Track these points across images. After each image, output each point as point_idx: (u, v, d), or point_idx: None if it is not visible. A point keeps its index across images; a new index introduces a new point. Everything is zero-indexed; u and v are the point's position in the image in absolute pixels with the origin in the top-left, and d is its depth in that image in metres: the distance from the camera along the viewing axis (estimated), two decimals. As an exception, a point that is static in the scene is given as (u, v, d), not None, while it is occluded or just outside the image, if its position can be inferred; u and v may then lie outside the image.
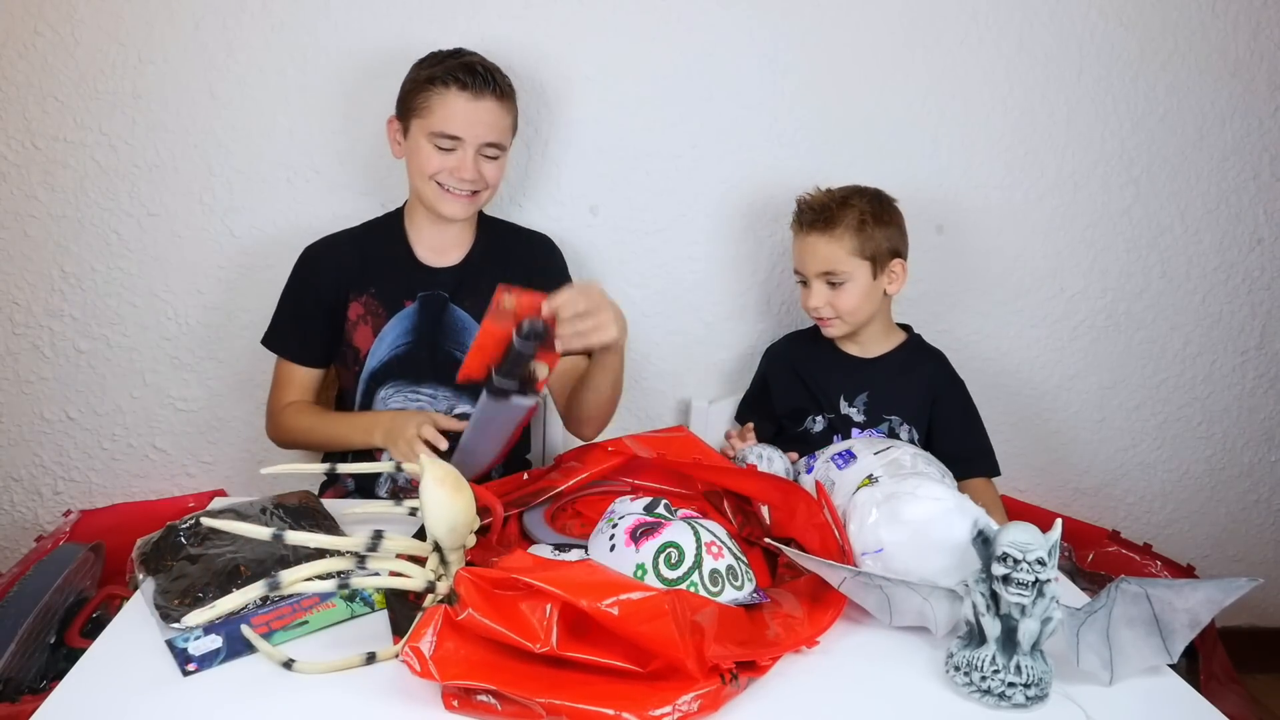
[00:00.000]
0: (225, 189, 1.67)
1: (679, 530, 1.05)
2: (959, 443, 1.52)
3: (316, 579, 0.91)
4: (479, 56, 1.46)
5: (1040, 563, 0.90)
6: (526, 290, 1.19)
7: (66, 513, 1.64)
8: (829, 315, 1.52)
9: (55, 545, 1.47)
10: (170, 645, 0.93)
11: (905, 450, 1.23)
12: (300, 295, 1.53)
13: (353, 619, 1.01)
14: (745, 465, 1.32)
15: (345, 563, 0.93)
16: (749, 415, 1.68)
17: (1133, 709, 0.93)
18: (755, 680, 0.92)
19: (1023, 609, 0.91)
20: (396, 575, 0.95)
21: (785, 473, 1.32)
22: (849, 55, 1.71)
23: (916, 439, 1.53)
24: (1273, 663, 2.03)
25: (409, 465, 1.16)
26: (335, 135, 1.66)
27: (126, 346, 1.72)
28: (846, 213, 1.48)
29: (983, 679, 0.92)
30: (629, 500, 1.13)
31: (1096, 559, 1.75)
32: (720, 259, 1.79)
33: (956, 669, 0.94)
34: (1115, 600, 0.93)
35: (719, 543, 1.06)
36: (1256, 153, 1.83)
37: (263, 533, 0.93)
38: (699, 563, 1.02)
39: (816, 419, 1.57)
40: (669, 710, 0.85)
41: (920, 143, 1.76)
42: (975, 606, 0.94)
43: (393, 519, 1.20)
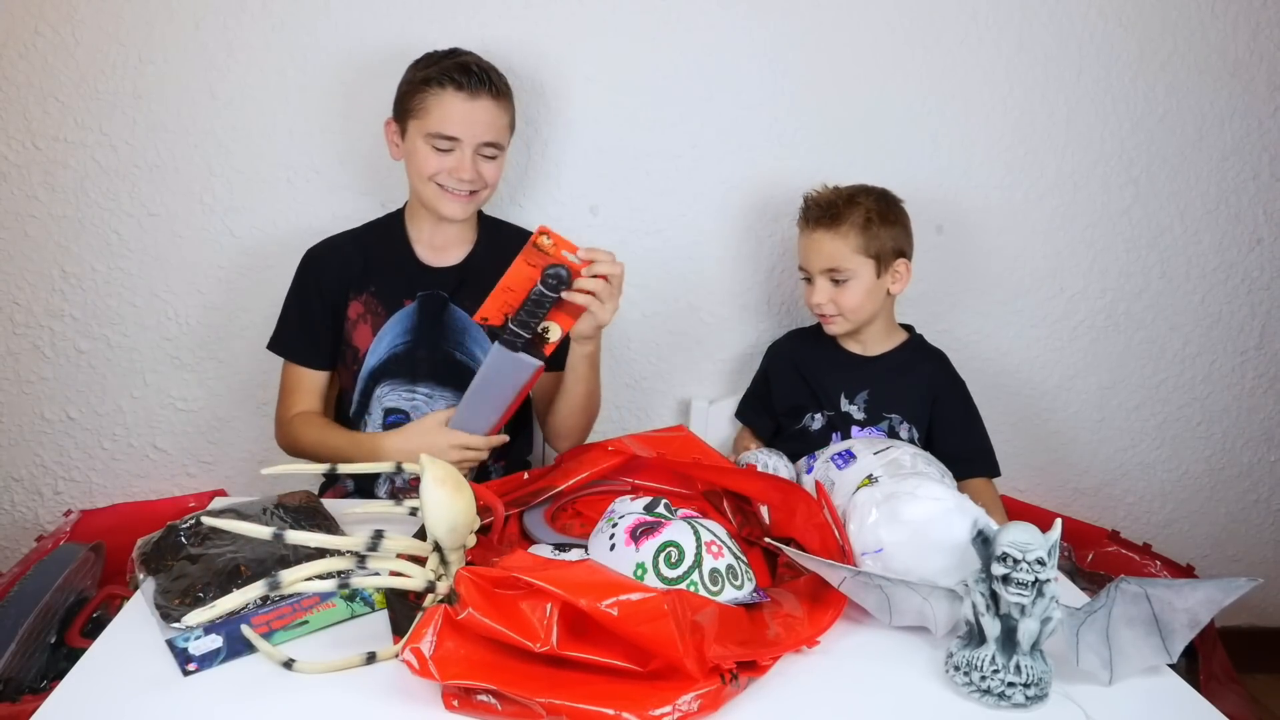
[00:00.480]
0: (225, 189, 1.67)
1: (679, 530, 1.05)
2: (959, 443, 1.52)
3: (316, 579, 0.91)
4: (474, 56, 1.46)
5: (1040, 563, 0.90)
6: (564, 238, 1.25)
7: (67, 513, 1.65)
8: (832, 312, 1.52)
9: (55, 545, 1.47)
10: (170, 645, 0.93)
11: (905, 450, 1.23)
12: (304, 298, 1.53)
13: (353, 619, 1.01)
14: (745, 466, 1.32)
15: (345, 563, 0.93)
16: (750, 411, 1.69)
17: (1132, 709, 0.94)
18: (755, 680, 0.92)
19: (1022, 609, 0.91)
20: (396, 575, 0.95)
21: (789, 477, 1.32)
22: (849, 55, 1.71)
23: (916, 438, 1.53)
24: (1273, 663, 2.03)
25: (409, 465, 1.16)
26: (335, 135, 1.66)
27: (127, 346, 1.72)
28: (853, 210, 1.48)
29: (982, 679, 0.92)
30: (629, 500, 1.13)
31: (1096, 559, 1.75)
32: (720, 259, 1.79)
33: (956, 669, 0.94)
34: (1115, 600, 0.93)
35: (719, 542, 1.06)
36: (1256, 153, 1.83)
37: (263, 532, 0.93)
38: (699, 562, 1.02)
39: (815, 416, 1.58)
40: (669, 710, 0.85)
41: (920, 143, 1.76)
42: (975, 606, 0.94)
43: (393, 519, 1.20)
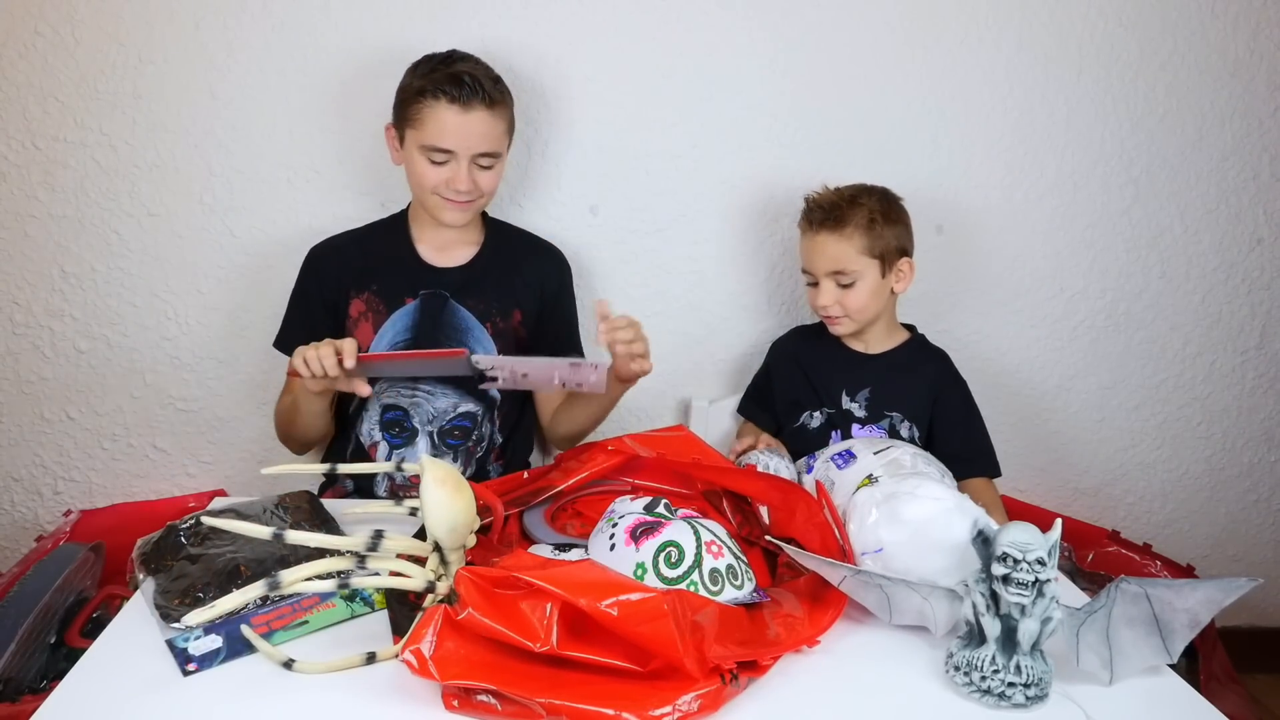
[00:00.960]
0: (225, 189, 1.67)
1: (679, 529, 1.05)
2: (960, 442, 1.52)
3: (316, 579, 0.91)
4: (469, 64, 1.44)
5: (1040, 563, 0.90)
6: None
7: (66, 513, 1.65)
8: (838, 314, 1.52)
9: (55, 545, 1.47)
10: (170, 645, 0.93)
11: (905, 450, 1.23)
12: (306, 296, 1.54)
13: (353, 619, 1.01)
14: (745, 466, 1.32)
15: (345, 562, 0.93)
16: (753, 406, 1.69)
17: (1133, 709, 0.94)
18: (755, 680, 0.92)
19: (1023, 609, 0.91)
20: (396, 575, 0.95)
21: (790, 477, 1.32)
22: (849, 55, 1.71)
23: (917, 437, 1.53)
24: (1273, 663, 2.03)
25: (409, 465, 1.16)
26: (335, 135, 1.66)
27: (127, 346, 1.72)
28: (856, 211, 1.48)
29: (983, 679, 0.92)
30: (629, 500, 1.13)
31: (1096, 559, 1.75)
32: (720, 259, 1.79)
33: (956, 669, 0.94)
34: (1115, 600, 0.93)
35: (719, 542, 1.06)
36: (1256, 153, 1.82)
37: (263, 532, 0.93)
38: (699, 562, 1.02)
39: (814, 414, 1.58)
40: (669, 710, 0.85)
41: (920, 143, 1.76)
42: (975, 606, 0.94)
43: (393, 519, 1.20)
